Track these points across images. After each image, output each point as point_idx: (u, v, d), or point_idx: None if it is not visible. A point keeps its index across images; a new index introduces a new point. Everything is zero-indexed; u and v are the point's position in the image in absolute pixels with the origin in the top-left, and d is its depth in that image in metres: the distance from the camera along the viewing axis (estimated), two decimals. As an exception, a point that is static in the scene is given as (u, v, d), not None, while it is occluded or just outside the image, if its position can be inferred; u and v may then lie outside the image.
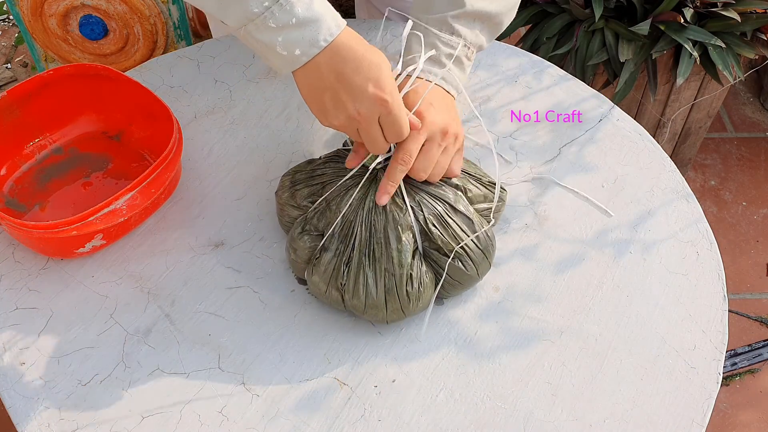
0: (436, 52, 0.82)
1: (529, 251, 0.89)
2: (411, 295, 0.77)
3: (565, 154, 0.99)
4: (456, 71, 0.84)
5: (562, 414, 0.76)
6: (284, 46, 0.69)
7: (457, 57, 0.83)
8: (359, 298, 0.77)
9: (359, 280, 0.77)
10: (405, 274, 0.77)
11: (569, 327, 0.83)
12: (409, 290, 0.77)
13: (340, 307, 0.81)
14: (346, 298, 0.78)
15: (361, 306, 0.78)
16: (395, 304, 0.77)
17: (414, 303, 0.78)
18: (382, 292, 0.77)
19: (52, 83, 0.93)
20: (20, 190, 0.93)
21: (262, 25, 0.69)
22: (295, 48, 0.70)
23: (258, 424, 0.75)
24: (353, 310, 0.79)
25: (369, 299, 0.77)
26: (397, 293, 0.77)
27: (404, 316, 0.79)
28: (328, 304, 0.82)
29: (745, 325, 1.65)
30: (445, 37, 0.82)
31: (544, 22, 1.52)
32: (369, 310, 0.78)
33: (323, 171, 0.83)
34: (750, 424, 1.51)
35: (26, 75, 2.10)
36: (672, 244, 0.89)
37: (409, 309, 0.78)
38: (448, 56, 0.83)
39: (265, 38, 0.69)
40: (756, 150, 1.98)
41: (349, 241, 0.77)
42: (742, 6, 1.43)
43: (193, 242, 0.89)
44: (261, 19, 0.68)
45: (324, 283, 0.79)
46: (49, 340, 0.80)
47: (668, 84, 1.55)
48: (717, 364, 0.80)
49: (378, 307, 0.77)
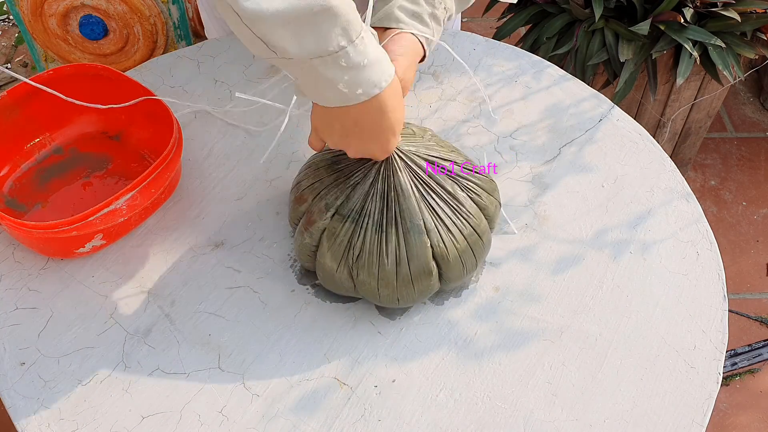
0: (419, 9, 0.81)
1: (528, 251, 0.89)
2: (422, 270, 0.78)
3: (565, 154, 0.99)
4: (435, 30, 0.84)
5: (562, 414, 0.76)
6: (348, 84, 0.68)
7: (437, 16, 0.83)
8: (372, 272, 0.77)
9: (373, 250, 0.77)
10: (418, 244, 0.77)
11: (569, 327, 0.83)
12: (419, 262, 0.77)
13: (348, 291, 0.80)
14: (358, 277, 0.78)
15: (372, 283, 0.78)
16: (406, 277, 0.77)
17: (425, 278, 0.78)
18: (393, 264, 0.77)
19: (52, 83, 0.93)
20: (20, 190, 0.93)
21: (333, 63, 0.66)
22: (358, 87, 0.69)
23: (258, 424, 0.75)
24: (363, 291, 0.79)
25: (382, 271, 0.77)
26: (409, 264, 0.77)
27: (414, 293, 0.79)
28: (334, 290, 0.81)
29: (745, 325, 1.65)
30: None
31: (544, 22, 1.52)
32: (381, 287, 0.78)
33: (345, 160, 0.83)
34: (750, 424, 1.51)
35: (26, 75, 2.11)
36: (672, 244, 0.90)
37: (420, 284, 0.78)
38: (431, 15, 0.82)
39: (330, 74, 0.67)
40: (756, 150, 1.98)
41: (364, 214, 0.78)
42: (742, 6, 1.43)
43: (193, 242, 0.89)
44: (333, 57, 0.66)
45: (335, 261, 0.79)
46: (49, 340, 0.80)
47: (668, 84, 1.55)
48: (717, 364, 0.80)
49: (388, 280, 0.77)
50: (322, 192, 0.80)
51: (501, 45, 1.12)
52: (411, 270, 0.78)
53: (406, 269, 0.77)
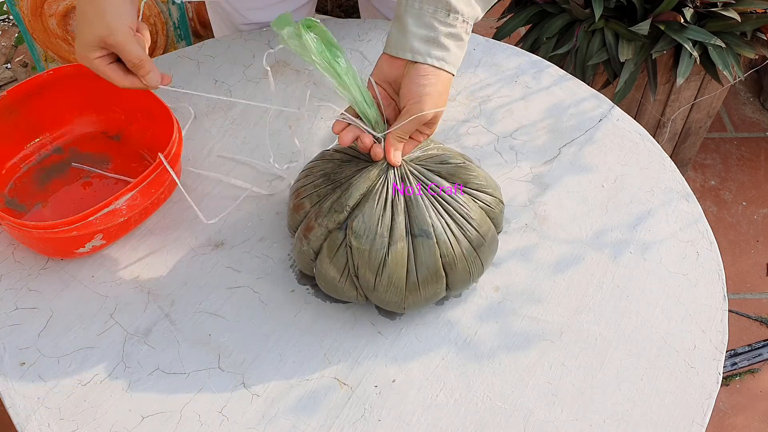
0: (433, 33, 0.78)
1: (528, 251, 0.89)
2: (431, 276, 0.77)
3: (565, 154, 0.99)
4: (456, 50, 0.81)
5: (562, 414, 0.76)
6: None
7: (456, 34, 0.80)
8: (380, 280, 0.77)
9: (379, 259, 0.76)
10: (426, 250, 0.77)
11: (569, 327, 0.83)
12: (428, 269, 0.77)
13: (350, 298, 0.80)
14: (363, 286, 0.78)
15: (380, 290, 0.77)
16: (414, 284, 0.77)
17: (433, 284, 0.78)
18: (403, 270, 0.76)
19: (52, 83, 0.93)
20: (20, 190, 0.93)
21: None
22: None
23: (258, 424, 0.75)
24: (370, 298, 0.79)
25: (389, 279, 0.77)
26: (417, 272, 0.77)
27: (421, 299, 0.79)
28: (336, 296, 0.81)
29: (745, 325, 1.65)
30: (442, 15, 0.79)
31: (544, 22, 1.52)
32: (390, 294, 0.77)
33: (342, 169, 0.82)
34: (750, 424, 1.51)
35: (26, 75, 2.11)
36: (672, 244, 0.90)
37: (427, 291, 0.78)
38: (448, 35, 0.79)
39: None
40: (756, 150, 1.98)
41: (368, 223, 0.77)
42: (742, 6, 1.43)
43: (193, 242, 0.89)
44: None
45: (338, 271, 0.78)
46: (49, 340, 0.80)
47: (668, 84, 1.55)
48: (717, 364, 0.80)
49: (398, 288, 0.77)
50: (321, 201, 0.80)
51: (501, 45, 1.12)
52: (419, 277, 0.77)
53: (414, 276, 0.77)
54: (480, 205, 0.81)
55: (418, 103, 0.76)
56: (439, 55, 0.79)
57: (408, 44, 0.78)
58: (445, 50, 0.79)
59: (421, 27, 0.78)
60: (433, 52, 0.79)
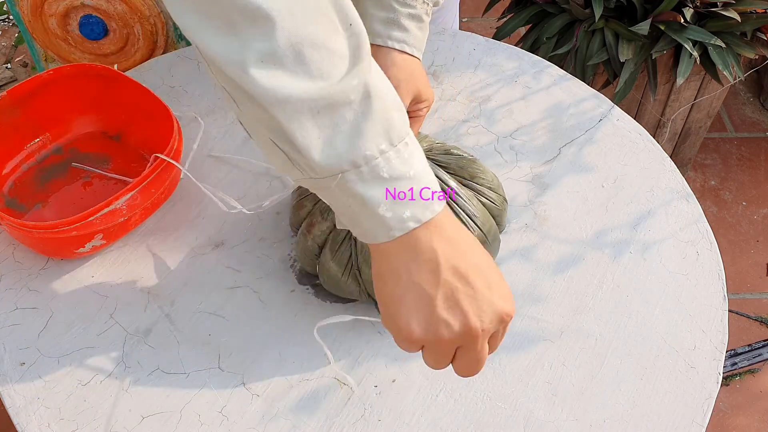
0: (393, 15, 0.76)
1: (528, 251, 0.89)
2: None
3: (565, 154, 0.99)
4: (417, 31, 0.78)
5: (562, 414, 0.76)
6: (390, 206, 0.51)
7: (417, 15, 0.77)
8: None
9: None
10: None
11: (569, 327, 0.83)
12: None
13: (352, 294, 0.80)
14: (366, 281, 0.78)
15: None
16: None
17: None
18: None
19: (52, 83, 0.93)
20: (20, 190, 0.93)
21: (370, 173, 0.50)
22: (405, 209, 0.52)
23: (258, 424, 0.75)
24: (372, 294, 0.79)
25: None
26: None
27: None
28: (338, 293, 0.81)
29: (745, 325, 1.65)
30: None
31: (544, 22, 1.52)
32: None
33: None
34: (750, 425, 1.51)
35: (26, 75, 2.11)
36: (672, 244, 0.89)
37: None
38: (408, 16, 0.76)
39: (367, 192, 0.51)
40: (756, 150, 1.98)
41: None
42: (742, 6, 1.43)
43: (193, 242, 0.89)
44: (371, 166, 0.50)
45: (340, 267, 0.78)
46: (49, 340, 0.80)
47: (668, 84, 1.55)
48: (717, 364, 0.80)
49: None
50: None
51: (501, 45, 1.12)
52: None
53: None
54: (484, 203, 0.81)
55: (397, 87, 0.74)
56: (400, 37, 0.76)
57: (368, 27, 0.74)
58: (405, 31, 0.76)
59: (380, 9, 0.75)
60: (394, 33, 0.76)
